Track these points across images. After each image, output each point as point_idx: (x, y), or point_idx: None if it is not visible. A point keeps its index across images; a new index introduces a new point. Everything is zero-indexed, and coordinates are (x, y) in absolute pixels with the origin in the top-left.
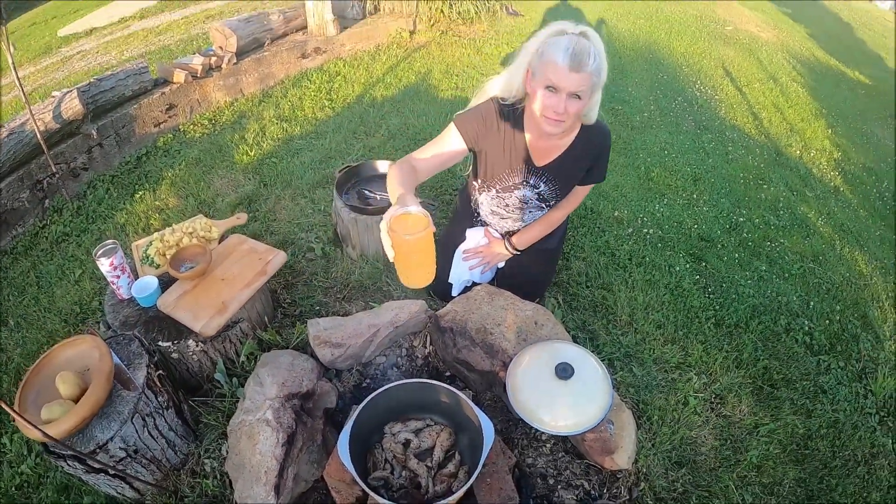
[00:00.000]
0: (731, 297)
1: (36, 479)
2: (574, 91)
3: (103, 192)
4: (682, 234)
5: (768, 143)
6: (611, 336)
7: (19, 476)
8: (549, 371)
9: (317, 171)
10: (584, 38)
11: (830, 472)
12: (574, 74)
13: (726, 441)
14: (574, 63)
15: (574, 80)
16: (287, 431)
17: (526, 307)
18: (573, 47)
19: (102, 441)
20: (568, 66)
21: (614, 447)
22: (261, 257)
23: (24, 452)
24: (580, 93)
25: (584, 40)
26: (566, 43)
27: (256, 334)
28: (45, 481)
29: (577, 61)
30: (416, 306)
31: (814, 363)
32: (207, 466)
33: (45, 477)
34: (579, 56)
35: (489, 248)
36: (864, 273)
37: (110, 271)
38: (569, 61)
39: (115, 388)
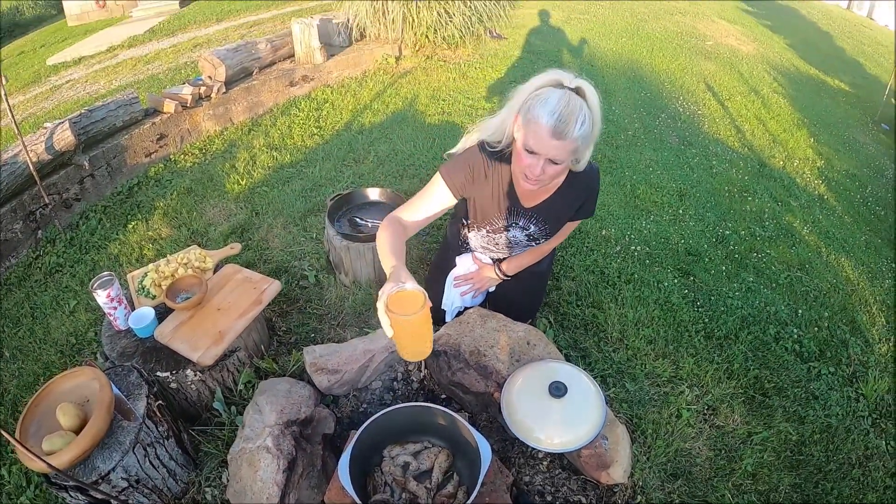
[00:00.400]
0: (720, 310)
1: None
2: (552, 158)
3: (96, 223)
4: (670, 249)
5: (752, 155)
6: (602, 353)
7: None
8: (543, 390)
9: (307, 199)
10: (577, 97)
11: (825, 476)
12: (555, 141)
13: (720, 451)
14: (557, 129)
15: (553, 147)
16: (287, 458)
17: (518, 328)
18: (560, 111)
19: (104, 471)
20: (550, 131)
21: (610, 462)
22: (256, 286)
23: (23, 484)
24: (559, 160)
25: (576, 100)
26: (554, 104)
27: (253, 363)
28: None
29: (561, 129)
30: None
31: (804, 370)
32: (209, 495)
33: None
34: (564, 122)
35: (479, 274)
36: (851, 279)
37: (107, 303)
38: (552, 126)
39: (115, 418)
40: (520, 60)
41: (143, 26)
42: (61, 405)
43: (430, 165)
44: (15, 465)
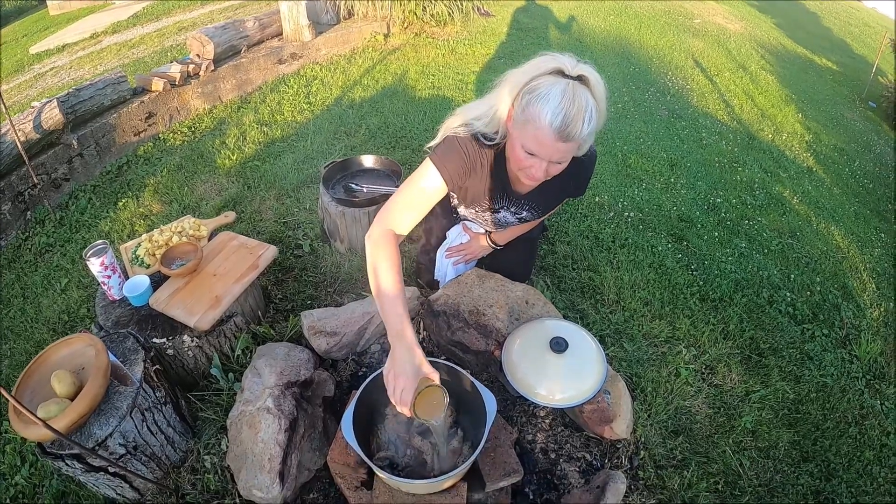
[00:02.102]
0: (714, 274)
1: (31, 489)
2: (557, 160)
3: (85, 202)
4: (662, 216)
5: (740, 128)
6: (600, 314)
7: (13, 488)
8: (544, 346)
9: (300, 171)
10: (582, 88)
11: (823, 433)
12: (560, 144)
13: (720, 409)
14: (563, 132)
15: (559, 150)
16: (289, 418)
17: (516, 288)
18: (565, 110)
19: (102, 437)
20: (555, 134)
21: (612, 416)
22: (251, 252)
23: (17, 463)
24: (564, 160)
25: (581, 92)
26: (557, 101)
27: (250, 328)
28: (41, 490)
29: (567, 130)
30: (409, 292)
31: (798, 332)
32: (207, 462)
33: (41, 486)
34: (571, 123)
35: (471, 245)
36: (842, 246)
37: (101, 271)
38: (557, 128)
39: (111, 384)
40: (508, 37)
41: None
42: (56, 372)
43: (422, 137)
44: (9, 445)
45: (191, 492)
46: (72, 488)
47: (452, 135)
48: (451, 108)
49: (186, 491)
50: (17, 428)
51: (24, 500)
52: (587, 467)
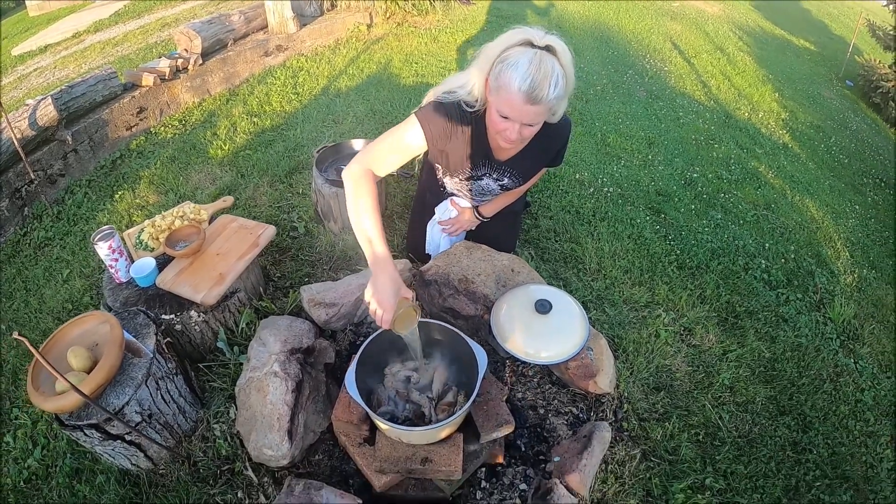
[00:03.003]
0: (691, 243)
1: (44, 470)
2: (528, 122)
3: (82, 196)
4: (641, 191)
5: (717, 107)
6: (582, 282)
7: (27, 470)
8: (530, 308)
9: (291, 158)
10: (549, 57)
11: (798, 389)
12: (529, 107)
13: (698, 367)
14: (531, 95)
15: (528, 113)
16: (295, 380)
17: (502, 257)
18: (532, 76)
19: (119, 406)
20: (523, 97)
21: (596, 371)
22: (251, 232)
23: (29, 447)
24: (535, 122)
25: (548, 60)
26: (525, 68)
27: (253, 304)
28: (54, 470)
29: (535, 94)
30: (402, 265)
31: (773, 296)
32: (217, 430)
33: (53, 467)
34: (537, 87)
35: (459, 219)
36: (816, 218)
37: (109, 255)
38: (525, 92)
39: (125, 357)
40: (489, 24)
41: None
42: (72, 349)
43: None
44: (20, 430)
45: (202, 459)
46: (86, 464)
47: (437, 99)
48: None
49: (198, 458)
50: (37, 401)
51: (38, 481)
52: (574, 420)
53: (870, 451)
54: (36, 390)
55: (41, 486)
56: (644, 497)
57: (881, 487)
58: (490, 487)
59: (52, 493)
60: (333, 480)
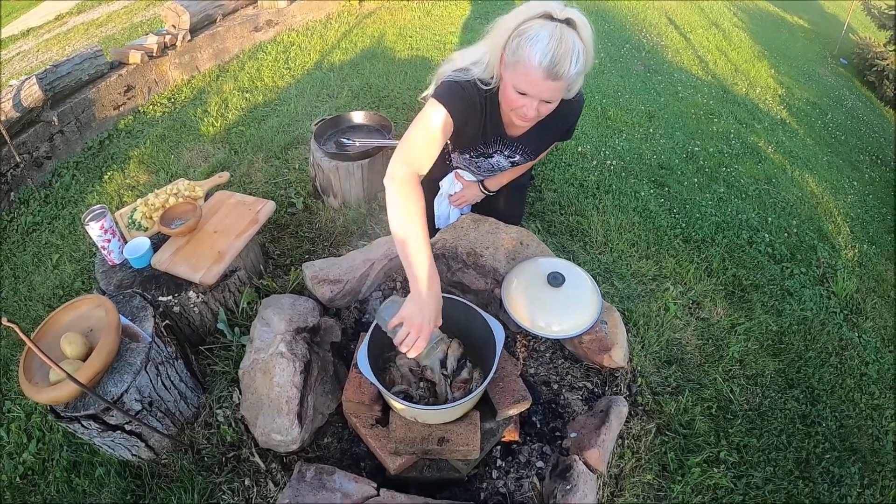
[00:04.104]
0: (695, 217)
1: (40, 465)
2: (547, 99)
3: (69, 179)
4: (644, 163)
5: (715, 82)
6: (590, 255)
7: (22, 465)
8: (542, 281)
9: (286, 133)
10: (569, 31)
11: (806, 362)
12: (549, 83)
13: (708, 340)
14: (551, 71)
15: (548, 89)
16: (303, 360)
17: (510, 230)
18: (553, 51)
19: (117, 394)
20: (544, 73)
21: (610, 344)
22: (250, 208)
23: (24, 441)
24: (553, 100)
25: (569, 34)
26: (545, 42)
27: (253, 283)
28: (51, 464)
29: (555, 70)
30: None
31: (778, 270)
32: (220, 416)
33: (50, 461)
34: (558, 63)
35: (463, 193)
36: (816, 193)
37: (101, 235)
38: (545, 68)
39: (123, 342)
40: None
41: None
42: (66, 335)
43: (406, 96)
44: (13, 424)
45: (206, 446)
46: (84, 457)
47: (449, 79)
48: (431, 68)
49: (202, 446)
50: (30, 393)
51: (35, 476)
52: (589, 395)
53: (875, 425)
54: (28, 381)
55: (38, 482)
56: (660, 471)
57: (887, 460)
58: (506, 466)
59: (50, 489)
60: (344, 464)
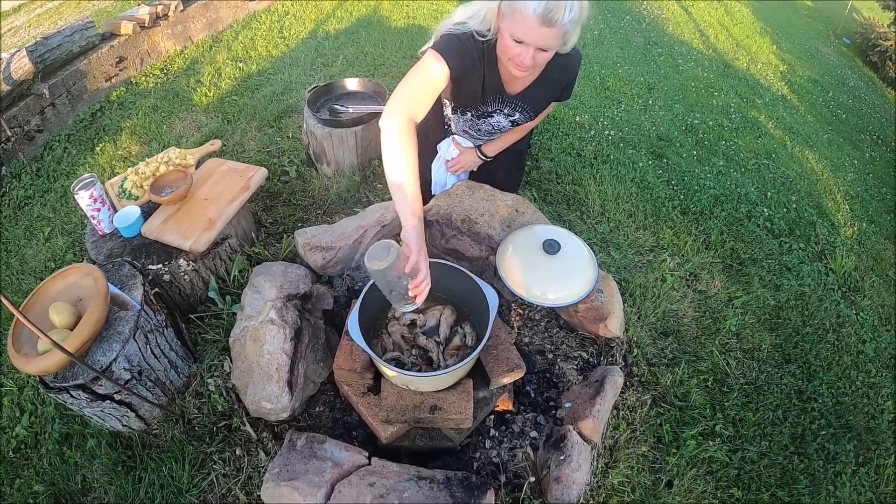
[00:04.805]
0: (694, 189)
1: (33, 438)
2: (542, 47)
3: (61, 152)
4: (642, 135)
5: (716, 56)
6: (586, 225)
7: (14, 439)
8: (537, 249)
9: (280, 102)
10: None
11: (803, 338)
12: (544, 29)
13: (705, 313)
14: (546, 17)
15: (543, 36)
16: (293, 327)
17: (506, 197)
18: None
19: (106, 363)
20: (538, 20)
21: (607, 314)
22: (241, 175)
23: (16, 415)
24: (549, 48)
25: None
26: None
27: (244, 251)
28: (44, 437)
29: (550, 16)
30: None
31: (776, 244)
32: (211, 385)
33: (43, 434)
34: (553, 10)
35: (461, 159)
36: (816, 170)
37: (90, 204)
38: (540, 15)
39: (111, 311)
40: None
41: None
42: (54, 304)
43: (401, 64)
44: (6, 398)
45: (197, 416)
46: (75, 429)
47: (448, 32)
48: (428, 37)
49: (193, 415)
50: (19, 364)
51: (28, 449)
52: (584, 365)
53: (871, 403)
54: (17, 352)
55: (30, 455)
56: (655, 443)
57: (882, 439)
58: (500, 435)
59: (43, 462)
60: (336, 433)
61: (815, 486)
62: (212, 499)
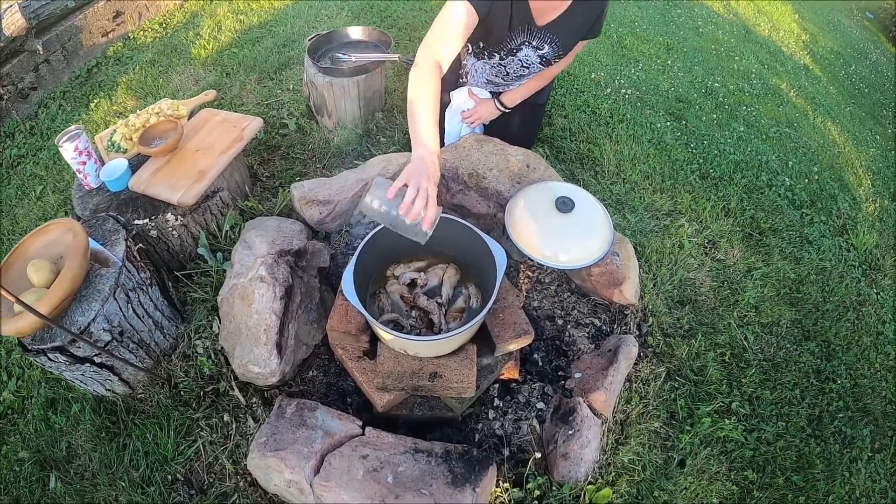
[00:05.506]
0: (713, 153)
1: (19, 402)
2: None
3: (56, 110)
4: (660, 95)
5: (736, 20)
6: (601, 185)
7: (1, 405)
8: (549, 206)
9: (281, 54)
10: None
11: (823, 315)
12: None
13: (723, 283)
14: None
15: None
16: (283, 285)
17: (516, 152)
18: None
19: (85, 323)
20: None
21: (622, 278)
22: (235, 125)
23: (4, 379)
24: None
25: None
26: None
27: (237, 205)
28: (29, 402)
29: None
30: (404, 158)
31: (797, 215)
32: (199, 347)
33: (28, 399)
34: None
35: (477, 110)
36: (838, 142)
37: (76, 157)
38: None
39: (92, 268)
40: None
41: None
42: (32, 262)
43: (409, 16)
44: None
45: (184, 379)
46: (61, 393)
47: None
48: None
49: (179, 379)
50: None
51: (14, 415)
52: (596, 333)
53: (889, 387)
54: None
55: (17, 421)
56: (668, 419)
57: None
58: (504, 406)
59: (28, 427)
60: (330, 399)
61: (831, 471)
62: (198, 467)
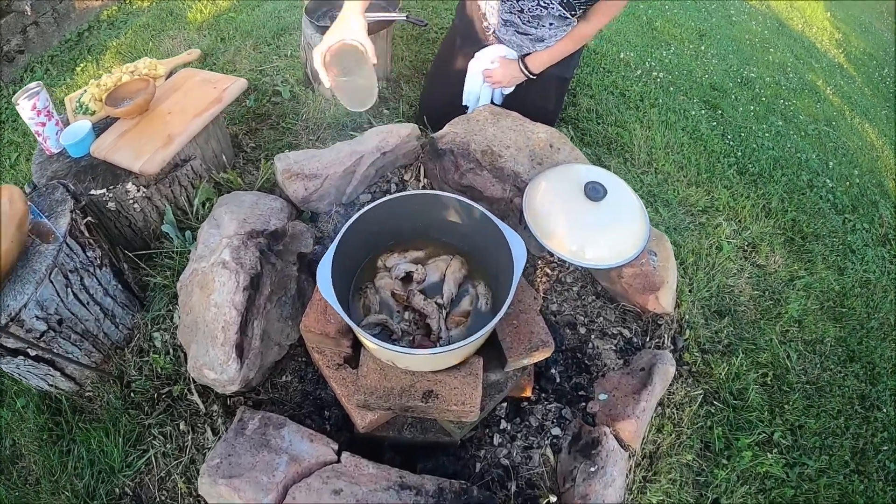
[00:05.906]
0: (752, 147)
1: None
2: None
3: (42, 74)
4: (694, 81)
5: (770, 13)
6: (630, 174)
7: None
8: (577, 193)
9: (280, 19)
10: None
11: (868, 333)
12: None
13: (764, 292)
14: None
15: None
16: (249, 273)
17: (538, 129)
18: None
19: (14, 310)
20: None
21: (659, 283)
22: (215, 86)
23: None
24: None
25: None
26: None
27: (213, 177)
28: None
29: None
30: (407, 129)
31: (840, 221)
32: (157, 341)
33: None
34: None
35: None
36: (876, 145)
37: (33, 117)
38: None
39: (33, 243)
40: None
41: None
42: None
43: None
44: None
45: (137, 378)
46: (7, 385)
47: None
48: None
49: (132, 377)
50: None
51: None
52: (625, 346)
53: None
54: None
55: None
56: (702, 450)
57: None
58: (512, 430)
59: None
60: (304, 411)
61: None
62: (149, 481)
